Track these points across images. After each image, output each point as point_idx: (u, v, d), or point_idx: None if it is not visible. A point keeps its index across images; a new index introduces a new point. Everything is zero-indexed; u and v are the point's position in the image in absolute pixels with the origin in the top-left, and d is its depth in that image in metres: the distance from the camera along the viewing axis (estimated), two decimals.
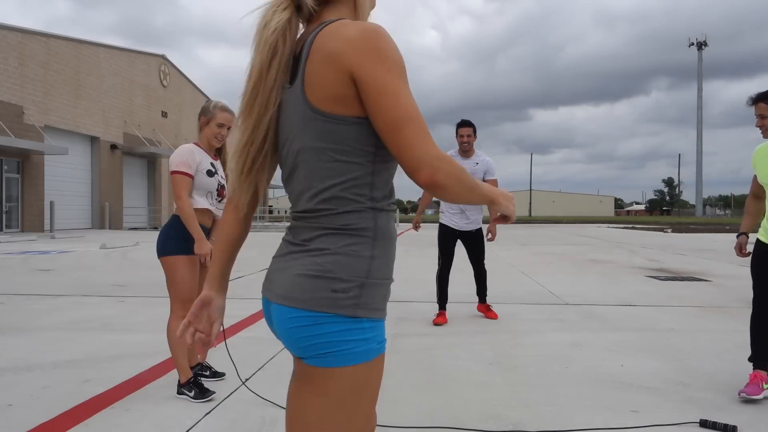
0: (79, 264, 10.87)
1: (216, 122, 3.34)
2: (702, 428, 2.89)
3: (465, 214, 5.54)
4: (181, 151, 3.28)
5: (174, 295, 3.27)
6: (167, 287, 3.29)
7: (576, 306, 6.51)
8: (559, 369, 3.94)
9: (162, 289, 7.57)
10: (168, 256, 3.25)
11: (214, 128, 3.34)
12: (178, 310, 3.27)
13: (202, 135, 3.40)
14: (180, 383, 3.27)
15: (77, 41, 25.62)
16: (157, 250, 3.29)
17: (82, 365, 3.94)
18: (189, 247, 3.26)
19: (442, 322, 5.41)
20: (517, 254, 13.64)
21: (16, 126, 21.74)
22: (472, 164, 5.53)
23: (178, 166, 3.24)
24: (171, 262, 3.24)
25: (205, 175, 3.32)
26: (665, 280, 8.67)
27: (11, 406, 3.13)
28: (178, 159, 3.26)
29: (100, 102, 27.13)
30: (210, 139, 3.37)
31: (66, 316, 5.69)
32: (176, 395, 3.29)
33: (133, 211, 30.34)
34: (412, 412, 3.10)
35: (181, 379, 3.27)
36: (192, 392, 3.23)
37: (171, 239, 3.25)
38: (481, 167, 5.53)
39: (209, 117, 3.35)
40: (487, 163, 5.57)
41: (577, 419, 3.01)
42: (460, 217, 5.55)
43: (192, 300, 3.28)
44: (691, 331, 5.17)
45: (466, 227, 5.57)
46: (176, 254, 3.23)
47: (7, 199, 22.12)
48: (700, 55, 71.93)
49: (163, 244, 3.27)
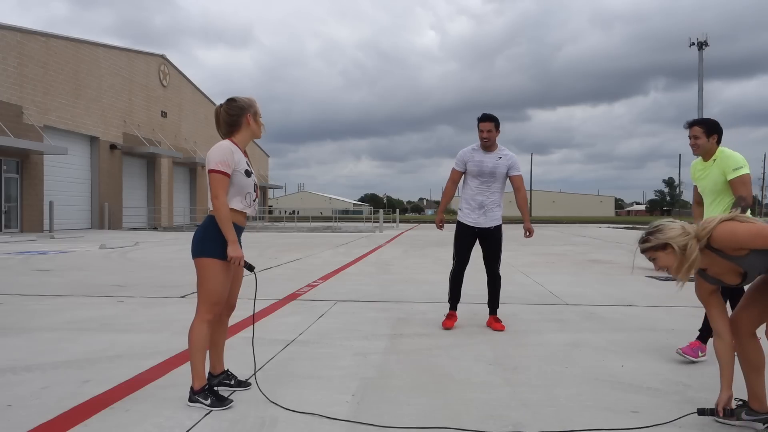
0: (78, 264, 10.87)
1: (259, 115, 3.32)
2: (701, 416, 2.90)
3: (484, 210, 5.26)
4: (220, 149, 3.13)
5: (203, 297, 3.16)
6: (197, 288, 3.18)
7: (576, 306, 6.51)
8: (559, 369, 3.93)
9: (161, 289, 7.57)
10: (203, 258, 3.13)
11: (260, 121, 3.32)
12: (205, 313, 3.16)
13: (248, 132, 3.29)
14: (194, 390, 3.13)
15: (77, 41, 25.61)
16: (193, 250, 3.18)
17: (81, 365, 3.93)
18: (224, 251, 3.14)
19: (450, 326, 5.22)
20: (517, 254, 13.64)
21: (16, 126, 21.73)
22: (494, 159, 5.25)
23: (218, 165, 3.10)
24: (205, 264, 3.13)
25: (243, 175, 3.20)
26: (666, 280, 8.67)
27: (10, 407, 3.12)
28: (217, 157, 3.11)
29: (100, 102, 27.12)
30: (257, 131, 3.32)
31: (65, 316, 5.68)
32: (188, 403, 3.13)
33: (133, 211, 30.33)
34: (412, 412, 3.10)
35: (195, 386, 3.13)
36: (208, 400, 3.10)
37: (208, 241, 3.13)
38: (504, 162, 5.26)
39: (254, 111, 3.28)
40: (510, 159, 5.29)
41: (577, 419, 3.00)
42: (478, 213, 5.26)
43: (221, 304, 3.19)
44: (691, 331, 5.16)
45: (486, 224, 5.26)
46: (212, 257, 3.12)
47: (6, 199, 22.12)
48: (701, 55, 71.82)
49: (200, 245, 3.15)
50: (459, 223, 5.40)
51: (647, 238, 2.87)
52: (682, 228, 2.80)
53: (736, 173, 4.01)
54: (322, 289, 7.70)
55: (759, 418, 2.89)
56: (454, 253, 5.40)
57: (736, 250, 2.72)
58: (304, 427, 2.86)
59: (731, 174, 4.03)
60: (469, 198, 5.32)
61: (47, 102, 23.60)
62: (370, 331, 5.08)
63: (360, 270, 10.08)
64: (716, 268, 2.85)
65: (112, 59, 28.16)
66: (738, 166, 4.02)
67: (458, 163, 5.38)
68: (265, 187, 51.71)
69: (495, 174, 5.24)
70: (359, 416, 3.02)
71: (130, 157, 30.30)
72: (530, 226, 5.46)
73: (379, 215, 30.43)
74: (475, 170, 5.26)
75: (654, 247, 2.84)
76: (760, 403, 2.91)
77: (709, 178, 4.17)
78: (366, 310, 6.11)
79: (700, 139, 4.16)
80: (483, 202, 5.26)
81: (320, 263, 11.21)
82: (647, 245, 2.86)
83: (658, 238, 2.82)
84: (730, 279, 2.85)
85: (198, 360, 3.15)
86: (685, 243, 2.75)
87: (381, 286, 7.91)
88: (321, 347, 4.49)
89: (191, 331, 3.18)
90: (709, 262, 2.84)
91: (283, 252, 14.19)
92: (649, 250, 2.87)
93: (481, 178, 5.26)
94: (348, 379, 3.67)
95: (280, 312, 6.00)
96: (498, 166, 5.24)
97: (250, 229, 29.67)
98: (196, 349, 3.15)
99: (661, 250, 2.82)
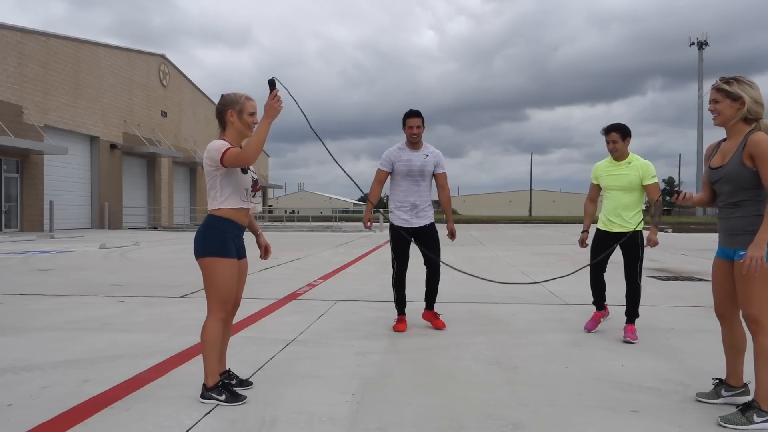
0: (78, 264, 10.87)
1: (247, 111, 3.26)
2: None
3: (417, 210, 5.15)
4: (216, 144, 3.16)
5: (213, 296, 3.20)
6: (205, 287, 3.22)
7: (576, 306, 6.52)
8: (559, 369, 3.93)
9: (161, 288, 7.57)
10: (207, 257, 3.17)
11: (247, 118, 3.26)
12: (217, 311, 3.20)
13: (233, 129, 3.28)
14: (207, 387, 3.18)
15: (77, 41, 25.60)
16: (196, 250, 3.20)
17: (81, 365, 3.93)
18: (227, 249, 3.18)
19: (402, 329, 5.10)
20: (517, 254, 13.63)
21: (16, 125, 21.72)
22: (422, 157, 5.17)
23: (222, 149, 3.12)
24: (210, 263, 3.16)
25: (239, 173, 3.22)
26: (666, 280, 8.67)
27: (11, 407, 3.12)
28: (218, 147, 3.13)
29: (100, 101, 27.11)
30: (243, 130, 3.28)
31: (65, 316, 5.68)
32: (201, 400, 3.18)
33: (133, 210, 30.32)
34: (412, 412, 3.10)
35: (209, 383, 3.18)
36: (223, 396, 3.15)
37: (210, 240, 3.16)
38: (431, 159, 5.20)
39: (239, 108, 3.25)
40: (437, 155, 5.24)
41: (577, 419, 3.00)
42: (411, 214, 5.15)
43: (230, 301, 3.24)
44: (691, 331, 5.17)
45: (419, 223, 5.16)
46: (215, 256, 3.15)
47: (6, 198, 22.11)
48: (701, 55, 71.87)
49: (201, 245, 3.18)
50: (393, 227, 5.19)
51: (731, 81, 3.01)
52: (760, 101, 2.98)
53: (653, 180, 4.76)
54: (322, 288, 7.70)
55: (736, 392, 3.22)
56: (393, 258, 5.22)
57: (750, 155, 2.91)
58: (304, 427, 2.86)
59: (649, 180, 4.75)
60: (400, 199, 5.20)
61: (47, 102, 23.59)
62: (370, 331, 5.08)
63: (360, 270, 10.08)
64: (727, 157, 3.03)
65: (112, 59, 28.15)
66: (654, 174, 4.78)
67: (384, 164, 5.25)
68: (266, 187, 51.72)
69: (424, 172, 5.17)
70: (359, 416, 3.02)
71: (130, 157, 30.29)
72: (453, 227, 5.28)
73: (379, 215, 30.43)
74: (403, 170, 5.15)
75: (729, 93, 2.99)
76: (737, 380, 3.25)
77: (626, 178, 4.78)
78: (366, 310, 6.11)
79: (618, 143, 4.77)
80: (415, 203, 5.16)
81: (320, 263, 11.21)
82: (726, 87, 3.00)
83: (741, 90, 2.98)
84: (716, 187, 3.11)
85: (211, 357, 3.19)
86: (754, 110, 2.96)
87: (381, 285, 7.91)
88: (321, 347, 4.49)
89: (204, 330, 3.21)
90: (731, 146, 3.04)
91: (283, 251, 14.19)
92: (723, 91, 3.01)
93: (410, 177, 5.16)
94: (348, 379, 3.67)
95: (280, 312, 6.00)
96: (426, 164, 5.18)
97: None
98: (210, 346, 3.19)
99: (730, 98, 2.99)
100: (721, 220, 3.14)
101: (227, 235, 3.20)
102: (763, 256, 2.84)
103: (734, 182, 2.99)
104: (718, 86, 3.03)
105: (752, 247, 2.85)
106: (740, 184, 2.97)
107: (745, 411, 2.92)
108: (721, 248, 3.18)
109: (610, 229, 4.87)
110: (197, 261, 3.22)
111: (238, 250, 3.31)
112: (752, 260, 2.84)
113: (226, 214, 3.21)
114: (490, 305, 6.46)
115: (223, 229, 3.19)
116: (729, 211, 3.07)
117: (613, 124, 4.81)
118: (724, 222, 3.12)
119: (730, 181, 3.01)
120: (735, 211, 3.03)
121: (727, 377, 3.29)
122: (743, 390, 3.24)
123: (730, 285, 3.13)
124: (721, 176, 3.05)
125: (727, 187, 3.04)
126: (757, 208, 2.95)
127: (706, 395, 3.28)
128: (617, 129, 4.78)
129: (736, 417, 2.90)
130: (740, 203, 3.01)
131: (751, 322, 2.96)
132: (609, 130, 4.80)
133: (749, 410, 2.91)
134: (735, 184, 2.99)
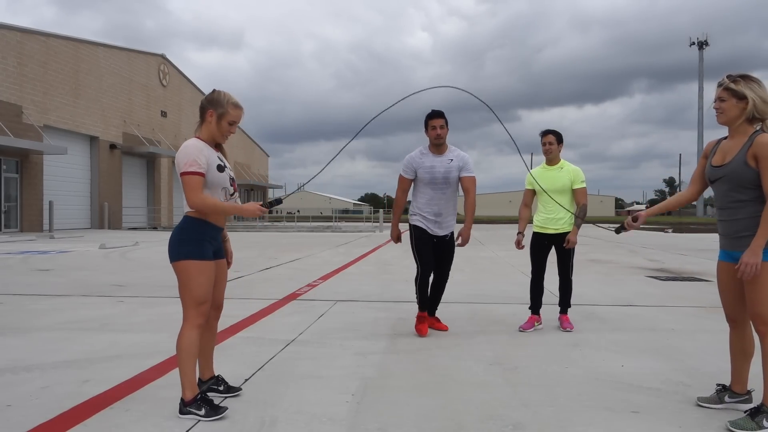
0: (78, 264, 10.86)
1: (228, 119, 3.06)
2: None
3: (440, 219, 4.94)
4: (186, 150, 2.97)
5: (188, 302, 3.01)
6: (180, 293, 3.04)
7: (576, 306, 6.51)
8: (559, 369, 3.93)
9: (161, 288, 7.56)
10: (181, 261, 3.00)
11: (225, 126, 3.07)
12: (193, 317, 3.00)
13: (207, 129, 3.09)
14: (185, 401, 2.96)
15: (76, 41, 25.60)
16: (170, 254, 3.04)
17: (81, 365, 3.93)
18: (203, 251, 3.02)
19: (424, 332, 4.91)
20: (517, 254, 13.59)
21: (15, 125, 21.71)
22: (446, 162, 4.87)
23: (187, 167, 2.94)
24: (184, 267, 2.99)
25: (215, 171, 3.03)
26: (666, 281, 8.66)
27: (10, 407, 3.12)
28: (184, 158, 2.95)
29: (100, 101, 27.10)
30: (216, 136, 3.09)
31: (65, 316, 5.68)
32: (179, 415, 2.95)
33: (133, 211, 30.32)
34: (412, 412, 3.09)
35: (186, 396, 2.96)
36: (202, 410, 2.92)
37: (185, 242, 3.00)
38: (456, 164, 4.89)
39: (221, 112, 3.05)
40: (462, 159, 4.92)
41: (577, 419, 3.00)
42: (434, 223, 4.94)
43: (207, 304, 3.04)
44: (691, 331, 5.16)
45: (441, 233, 4.98)
46: (190, 259, 2.98)
47: (5, 198, 22.10)
48: (701, 55, 71.90)
49: (176, 248, 3.02)
50: (416, 228, 4.97)
51: (738, 80, 2.95)
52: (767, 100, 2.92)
53: (582, 184, 5.13)
54: (322, 288, 7.69)
55: (740, 399, 3.15)
56: (418, 258, 4.96)
57: (755, 155, 2.87)
58: (304, 428, 2.86)
59: (579, 184, 5.11)
60: (423, 207, 4.94)
61: (47, 102, 23.58)
62: (370, 331, 5.08)
63: (360, 270, 10.08)
64: (729, 155, 2.99)
65: (111, 59, 28.14)
66: (583, 179, 5.15)
67: (407, 170, 4.97)
68: (266, 187, 51.69)
69: (449, 179, 4.88)
70: (359, 416, 3.02)
71: (130, 157, 30.28)
72: (468, 234, 4.93)
73: (379, 215, 30.44)
74: (426, 177, 4.86)
75: (735, 92, 2.94)
76: (741, 387, 3.17)
77: (559, 181, 5.10)
78: (366, 310, 6.11)
79: (553, 145, 5.14)
80: (439, 212, 4.93)
81: (320, 263, 11.21)
82: (732, 86, 2.95)
83: (747, 88, 2.92)
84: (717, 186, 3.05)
85: (189, 368, 2.98)
86: (761, 109, 2.90)
87: (381, 285, 7.91)
88: (321, 347, 4.49)
89: (180, 339, 3.01)
90: (732, 145, 2.99)
91: (283, 252, 14.19)
92: (729, 90, 2.96)
93: (434, 184, 4.88)
94: (348, 379, 3.66)
95: (280, 312, 6.00)
96: (450, 170, 4.87)
97: (250, 228, 29.66)
98: (186, 355, 2.98)
99: (736, 97, 2.93)
100: (723, 222, 3.06)
101: (204, 237, 3.04)
102: (758, 263, 2.81)
103: (734, 182, 2.96)
104: (725, 85, 2.97)
105: (748, 253, 2.83)
106: (741, 183, 2.94)
107: (754, 415, 2.87)
108: (724, 251, 3.09)
109: (545, 231, 5.22)
110: (172, 265, 3.04)
111: (215, 252, 3.14)
112: (747, 266, 2.82)
113: (203, 216, 3.05)
114: (490, 305, 6.46)
115: (200, 230, 3.04)
116: (731, 212, 3.00)
117: (550, 128, 5.21)
118: (726, 224, 3.04)
119: (730, 181, 2.98)
120: (739, 211, 2.96)
121: (732, 384, 3.19)
122: (747, 398, 3.15)
123: (738, 288, 3.04)
124: (722, 175, 3.01)
125: (726, 186, 3.01)
126: (762, 209, 2.90)
127: (707, 400, 3.21)
128: (553, 133, 5.16)
129: (746, 422, 2.85)
130: (743, 204, 2.95)
131: (760, 323, 2.90)
132: (546, 133, 5.17)
133: (759, 414, 2.86)
134: (735, 184, 2.96)
